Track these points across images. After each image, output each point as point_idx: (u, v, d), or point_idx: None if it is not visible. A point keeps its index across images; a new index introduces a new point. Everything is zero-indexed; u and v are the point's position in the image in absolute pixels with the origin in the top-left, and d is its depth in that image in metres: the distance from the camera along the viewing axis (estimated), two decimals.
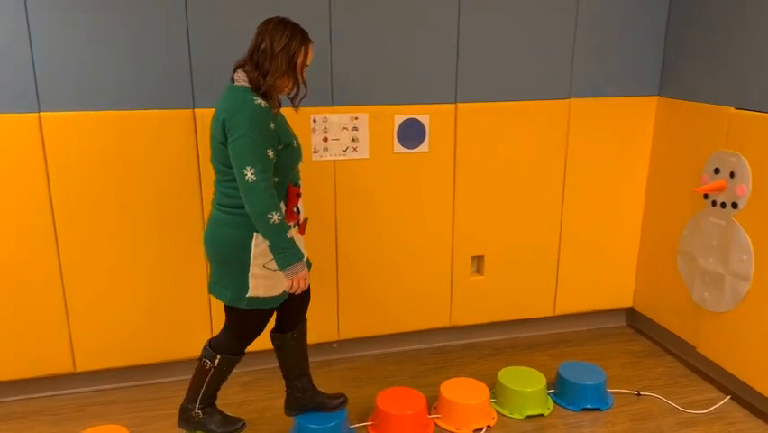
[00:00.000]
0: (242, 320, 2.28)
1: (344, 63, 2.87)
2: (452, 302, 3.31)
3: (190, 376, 2.40)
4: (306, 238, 2.40)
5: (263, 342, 3.02)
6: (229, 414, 2.46)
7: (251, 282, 2.18)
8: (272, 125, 2.10)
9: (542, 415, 2.79)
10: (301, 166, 2.33)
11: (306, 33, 2.19)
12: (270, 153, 2.08)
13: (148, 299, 2.88)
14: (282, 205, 2.19)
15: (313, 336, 3.12)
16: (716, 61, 2.92)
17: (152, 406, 2.88)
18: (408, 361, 3.27)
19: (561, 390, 2.89)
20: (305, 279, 2.18)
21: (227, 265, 2.20)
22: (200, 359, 2.36)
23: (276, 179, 2.14)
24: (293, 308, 2.42)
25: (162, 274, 2.87)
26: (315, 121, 2.88)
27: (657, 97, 3.29)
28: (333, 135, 2.92)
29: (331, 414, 2.57)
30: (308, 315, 2.55)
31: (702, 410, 2.82)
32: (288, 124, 2.26)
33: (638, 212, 3.44)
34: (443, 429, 2.68)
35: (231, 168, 2.09)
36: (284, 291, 2.24)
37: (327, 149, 2.93)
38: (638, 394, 2.95)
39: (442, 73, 3.00)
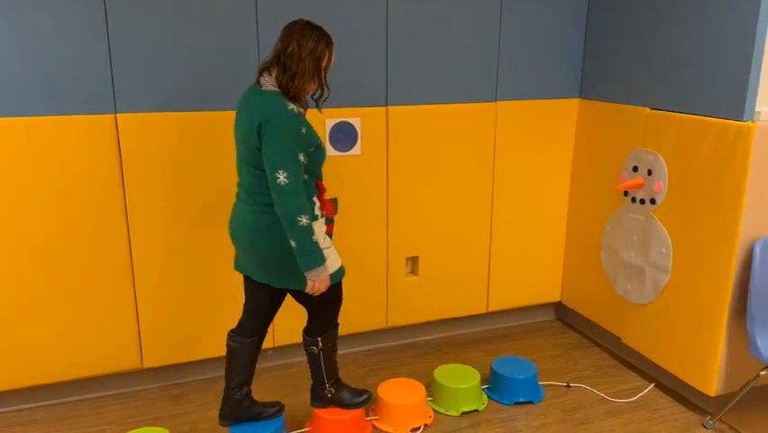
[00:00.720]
0: (326, 296, 2.32)
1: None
2: (389, 303, 3.33)
3: (113, 392, 2.48)
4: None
5: (196, 353, 2.95)
6: (354, 387, 2.65)
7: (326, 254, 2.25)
8: (304, 130, 2.19)
9: (477, 410, 2.84)
10: (229, 171, 2.32)
11: (330, 36, 2.24)
12: (302, 157, 2.15)
13: (65, 314, 2.75)
14: (315, 199, 2.31)
15: None
16: (632, 65, 3.06)
17: (74, 424, 2.75)
18: (346, 364, 3.24)
19: (494, 385, 2.95)
20: (325, 282, 2.24)
21: (290, 257, 2.20)
22: (306, 349, 2.54)
23: (305, 177, 2.22)
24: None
25: (81, 287, 2.75)
26: None
27: (578, 100, 3.42)
28: None
29: (267, 423, 2.53)
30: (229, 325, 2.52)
31: (628, 399, 2.94)
32: (311, 125, 2.30)
33: (563, 210, 3.57)
34: (381, 430, 2.69)
35: (264, 170, 2.16)
36: (341, 267, 2.39)
37: None
38: (568, 386, 3.05)
39: (372, 77, 3.01)
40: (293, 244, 2.15)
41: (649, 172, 2.92)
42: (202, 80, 2.75)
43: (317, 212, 2.32)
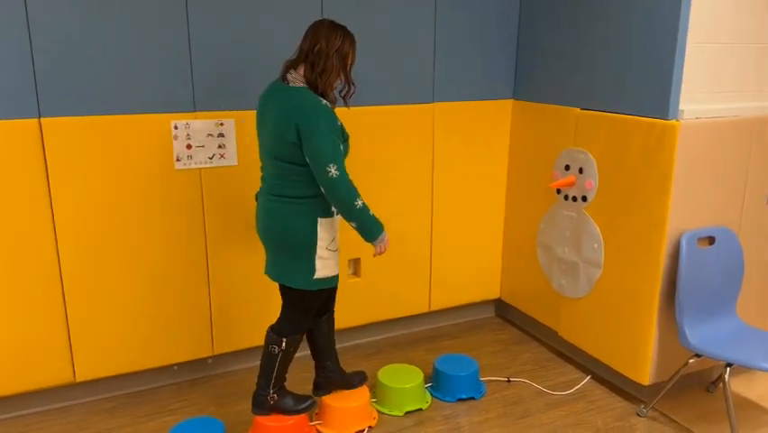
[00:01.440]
0: (306, 301, 2.47)
1: (206, 67, 2.76)
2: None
3: (45, 408, 2.27)
4: (173, 251, 2.33)
5: (124, 365, 2.84)
6: (298, 393, 2.63)
7: (319, 264, 2.37)
8: (338, 123, 2.29)
9: (420, 409, 2.85)
10: (162, 176, 2.31)
11: (353, 35, 2.33)
12: (342, 147, 2.29)
13: None
14: None
15: (186, 354, 3.01)
16: (562, 66, 3.15)
17: None
18: (289, 369, 3.21)
19: (437, 383, 2.98)
20: (388, 243, 2.44)
21: (295, 251, 2.36)
22: (267, 346, 2.51)
23: None
24: (331, 294, 2.64)
25: (9, 300, 2.60)
26: (176, 127, 2.75)
27: (512, 101, 3.49)
28: (198, 142, 2.80)
29: (208, 427, 2.51)
30: (175, 332, 2.52)
31: (566, 391, 3.03)
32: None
33: (501, 208, 3.64)
34: None
35: (298, 164, 2.26)
36: (336, 275, 2.48)
37: (191, 157, 2.80)
38: (508, 381, 3.11)
39: None
40: (354, 225, 2.34)
41: (580, 170, 3.01)
42: (129, 82, 2.65)
43: (335, 212, 2.41)
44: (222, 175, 2.89)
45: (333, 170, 2.21)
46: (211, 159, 2.84)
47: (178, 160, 2.78)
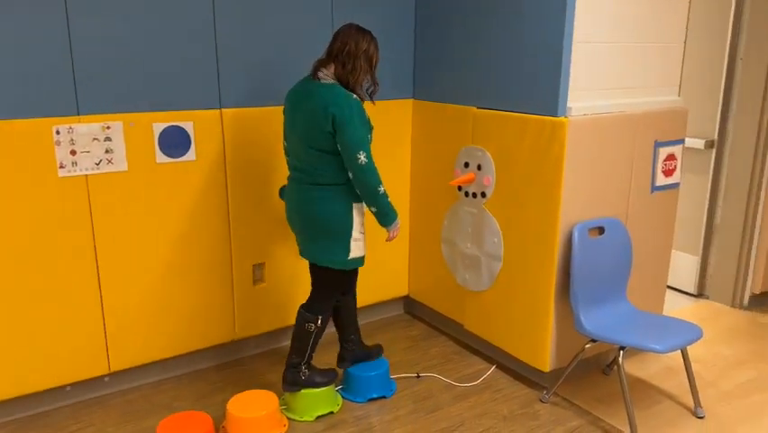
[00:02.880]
0: (340, 280, 2.73)
1: (90, 68, 2.61)
2: (236, 314, 3.21)
3: None
4: (59, 263, 2.23)
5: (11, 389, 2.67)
6: (322, 367, 2.86)
7: (353, 245, 2.62)
8: (367, 116, 2.53)
9: (332, 413, 2.83)
10: (44, 184, 2.24)
11: (376, 38, 2.59)
12: (370, 137, 2.54)
13: None
14: None
15: (78, 373, 2.84)
16: (459, 66, 3.21)
17: None
18: (192, 383, 3.10)
19: (347, 384, 2.96)
20: (399, 229, 2.72)
21: (332, 234, 2.60)
22: (301, 325, 2.72)
23: None
24: (355, 273, 2.85)
25: None
26: (58, 132, 2.57)
27: (412, 100, 3.53)
28: (83, 147, 2.63)
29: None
30: (65, 351, 2.42)
31: (473, 382, 3.10)
32: None
33: (405, 206, 3.67)
34: None
35: (332, 153, 2.50)
36: (363, 255, 2.70)
37: (76, 163, 2.63)
38: (418, 376, 3.14)
39: (203, 78, 2.88)
40: (373, 210, 2.58)
41: (479, 167, 3.08)
42: (5, 86, 2.46)
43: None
44: (111, 181, 2.73)
45: (362, 157, 2.46)
46: (98, 165, 2.68)
47: (61, 167, 2.60)
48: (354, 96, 2.51)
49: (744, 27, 3.71)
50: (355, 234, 2.63)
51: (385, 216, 2.62)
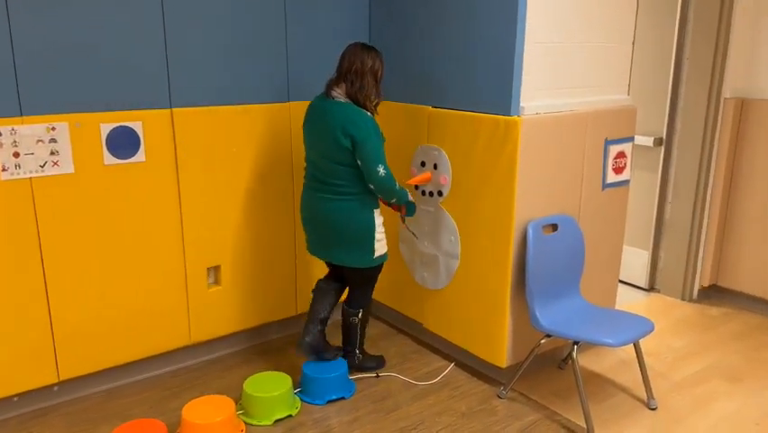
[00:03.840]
0: (370, 276, 3.02)
1: (33, 67, 2.52)
2: (191, 318, 3.15)
3: None
4: (6, 270, 2.05)
5: None
6: (372, 353, 3.25)
7: (377, 245, 2.88)
8: (379, 128, 2.75)
9: (290, 416, 2.80)
10: None
11: (381, 54, 2.79)
12: (383, 149, 2.77)
13: None
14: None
15: (25, 383, 2.75)
16: (414, 66, 3.23)
17: None
18: (147, 389, 3.03)
19: (306, 387, 2.94)
20: (403, 208, 3.01)
21: (361, 240, 2.85)
22: (347, 319, 3.08)
23: None
24: (381, 267, 3.07)
25: None
26: (0, 134, 2.48)
27: None
28: (26, 149, 2.54)
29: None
30: (13, 360, 2.40)
31: (432, 380, 3.11)
32: None
33: None
34: None
35: (352, 166, 2.73)
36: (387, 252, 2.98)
37: (20, 165, 2.54)
38: (377, 376, 3.14)
39: (152, 77, 2.81)
40: (394, 200, 2.90)
41: (435, 166, 3.10)
42: None
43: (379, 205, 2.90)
44: (57, 184, 2.65)
45: (381, 170, 2.70)
46: (43, 167, 2.59)
47: (4, 169, 2.51)
48: (368, 113, 2.73)
49: (689, 28, 3.83)
50: (378, 236, 2.87)
51: (401, 198, 2.91)
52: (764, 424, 2.78)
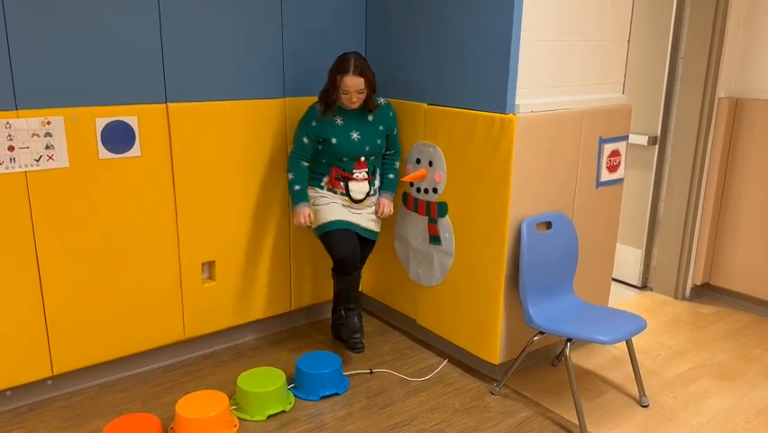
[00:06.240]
0: (323, 242, 3.18)
1: (28, 61, 2.51)
2: (185, 313, 3.15)
3: None
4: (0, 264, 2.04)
5: None
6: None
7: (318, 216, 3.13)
8: (314, 123, 3.03)
9: (284, 411, 2.81)
10: None
11: (346, 63, 2.93)
12: (306, 140, 3.05)
13: None
14: (325, 178, 3.12)
15: (19, 377, 2.74)
16: (411, 63, 3.23)
17: None
18: (140, 384, 3.03)
19: (300, 382, 2.94)
20: (302, 215, 3.06)
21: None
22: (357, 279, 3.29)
23: (323, 161, 3.09)
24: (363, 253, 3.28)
25: None
26: None
27: None
28: (21, 143, 2.54)
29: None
30: (7, 354, 2.35)
31: (425, 377, 3.12)
32: (339, 126, 3.03)
33: None
34: None
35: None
36: (330, 222, 3.10)
37: (15, 159, 2.54)
38: (371, 372, 3.15)
39: (148, 72, 2.81)
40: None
41: (430, 164, 3.10)
42: None
43: (324, 186, 3.11)
44: (52, 178, 2.64)
45: (289, 148, 3.19)
46: (38, 161, 2.59)
47: None
48: (317, 105, 3.04)
49: (685, 26, 3.84)
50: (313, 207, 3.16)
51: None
52: (755, 422, 2.81)
